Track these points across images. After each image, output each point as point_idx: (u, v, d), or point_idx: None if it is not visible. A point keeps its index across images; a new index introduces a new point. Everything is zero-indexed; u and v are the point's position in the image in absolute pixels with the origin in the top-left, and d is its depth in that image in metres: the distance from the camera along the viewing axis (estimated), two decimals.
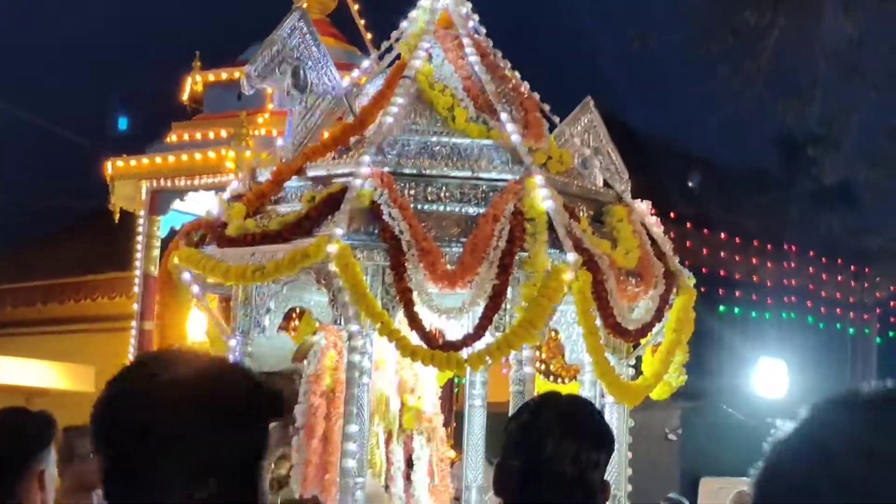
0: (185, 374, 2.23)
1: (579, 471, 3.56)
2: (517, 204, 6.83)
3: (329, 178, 7.09)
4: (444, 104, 7.42)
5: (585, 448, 3.58)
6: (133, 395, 2.23)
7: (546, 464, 3.56)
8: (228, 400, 2.22)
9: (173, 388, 2.20)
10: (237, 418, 2.22)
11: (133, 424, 2.18)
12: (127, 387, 2.26)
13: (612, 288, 6.90)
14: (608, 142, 8.24)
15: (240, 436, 2.22)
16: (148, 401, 2.19)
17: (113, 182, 13.60)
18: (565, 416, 3.67)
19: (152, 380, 2.22)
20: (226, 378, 2.28)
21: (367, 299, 6.60)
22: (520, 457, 3.63)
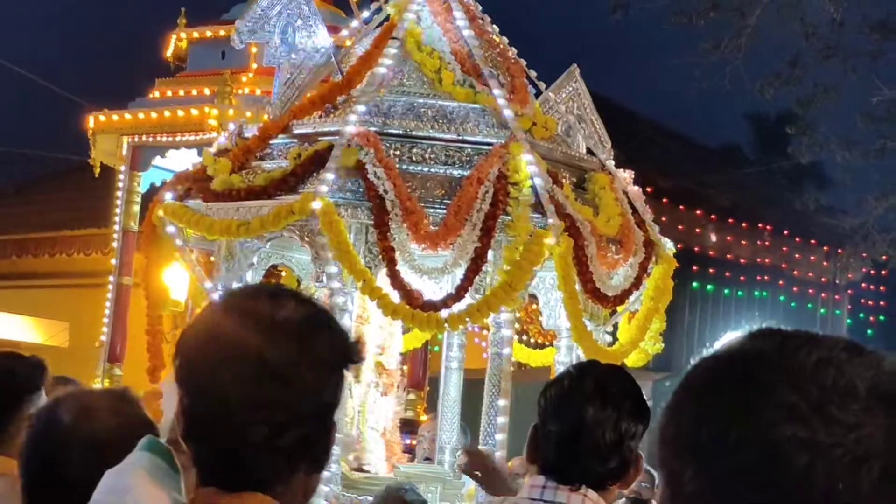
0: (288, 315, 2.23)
1: (619, 438, 3.61)
2: (501, 168, 6.88)
3: (315, 136, 7.12)
4: (432, 66, 7.46)
5: (625, 417, 3.64)
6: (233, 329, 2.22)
7: (586, 430, 3.60)
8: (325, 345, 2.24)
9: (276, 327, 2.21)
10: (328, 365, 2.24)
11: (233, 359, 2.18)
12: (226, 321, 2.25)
13: (593, 254, 6.96)
14: (592, 110, 8.31)
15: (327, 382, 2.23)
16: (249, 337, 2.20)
17: (94, 136, 13.57)
18: (607, 384, 3.71)
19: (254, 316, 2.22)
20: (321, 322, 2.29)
21: (351, 257, 6.65)
22: (559, 422, 3.66)
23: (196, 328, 2.31)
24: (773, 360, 1.38)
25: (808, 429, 1.29)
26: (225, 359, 2.19)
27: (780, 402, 1.32)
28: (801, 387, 1.33)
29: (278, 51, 7.32)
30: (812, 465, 1.28)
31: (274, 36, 7.28)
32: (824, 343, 1.40)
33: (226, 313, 2.29)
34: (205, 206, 7.19)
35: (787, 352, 1.39)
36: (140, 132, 13.17)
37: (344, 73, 7.43)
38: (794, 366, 1.36)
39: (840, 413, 1.30)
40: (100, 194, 16.31)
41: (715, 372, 1.43)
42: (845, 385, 1.33)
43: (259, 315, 2.23)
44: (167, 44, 14.62)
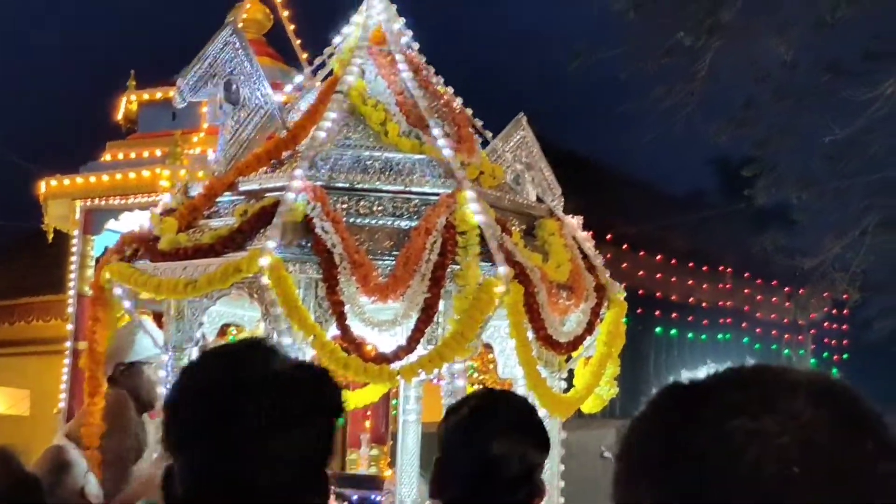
0: (283, 368, 2.25)
1: (527, 470, 3.55)
2: (449, 217, 6.87)
3: (262, 192, 7.09)
4: (377, 119, 7.45)
5: (531, 448, 3.58)
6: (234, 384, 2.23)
7: (493, 464, 3.54)
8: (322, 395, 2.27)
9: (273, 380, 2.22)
10: (321, 414, 2.27)
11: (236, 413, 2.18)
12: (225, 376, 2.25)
13: (544, 301, 6.94)
14: (540, 157, 8.32)
15: (325, 431, 2.27)
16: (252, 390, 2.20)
17: (46, 201, 13.50)
18: (511, 416, 3.66)
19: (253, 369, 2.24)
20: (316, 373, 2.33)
21: (300, 312, 6.60)
22: (464, 456, 3.59)
23: (186, 385, 2.28)
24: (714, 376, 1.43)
25: (754, 420, 1.31)
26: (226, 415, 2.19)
27: (725, 401, 1.35)
28: (745, 388, 1.36)
29: (222, 108, 7.29)
30: (762, 455, 1.29)
31: (217, 93, 7.26)
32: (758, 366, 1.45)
33: (231, 366, 2.29)
34: (152, 266, 7.13)
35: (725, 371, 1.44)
36: (92, 196, 13.11)
37: (289, 129, 7.41)
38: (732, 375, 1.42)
39: (784, 404, 1.33)
40: (55, 260, 16.21)
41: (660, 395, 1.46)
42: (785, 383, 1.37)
43: (261, 368, 2.25)
44: (118, 106, 14.60)
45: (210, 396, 2.25)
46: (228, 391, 2.23)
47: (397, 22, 8.03)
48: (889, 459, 1.35)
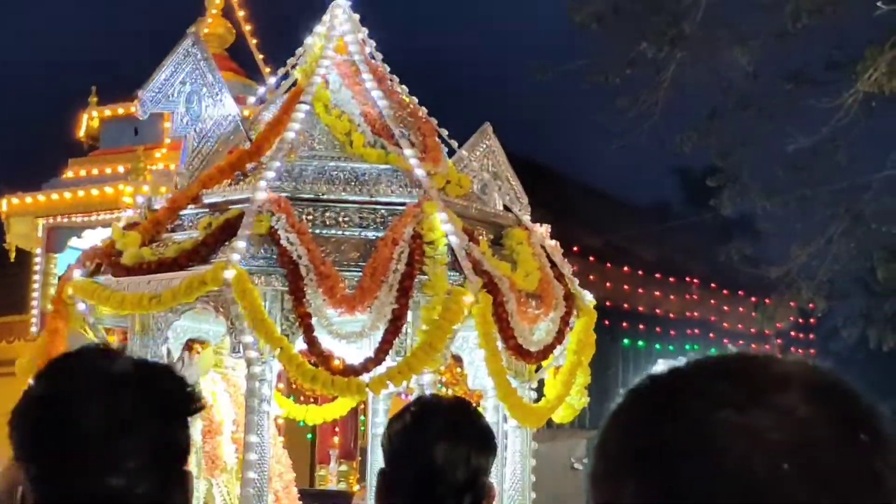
0: (124, 368, 2.18)
1: (472, 475, 3.46)
2: (416, 227, 6.80)
3: (226, 205, 7.01)
4: (342, 129, 7.38)
5: (475, 452, 3.49)
6: (71, 389, 2.16)
7: (438, 471, 3.44)
8: (165, 391, 2.19)
9: (114, 380, 2.15)
10: (168, 412, 2.19)
11: (76, 417, 2.11)
12: (63, 382, 2.19)
13: (513, 310, 6.88)
14: (507, 167, 8.27)
15: (174, 426, 2.19)
16: (90, 392, 2.13)
17: (8, 220, 13.37)
18: (453, 421, 3.55)
19: (90, 373, 2.16)
20: (158, 371, 2.25)
21: (266, 325, 6.52)
22: (407, 465, 3.48)
23: (30, 396, 2.23)
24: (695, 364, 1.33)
25: (742, 414, 1.22)
26: (69, 420, 2.13)
27: (709, 392, 1.26)
28: (731, 378, 1.27)
29: (184, 120, 7.20)
30: (750, 451, 1.20)
31: (179, 105, 7.17)
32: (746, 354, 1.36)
33: (59, 376, 2.23)
34: (115, 281, 7.03)
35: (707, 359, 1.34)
36: (55, 213, 12.99)
37: (252, 140, 7.32)
38: (715, 364, 1.31)
39: (776, 397, 1.24)
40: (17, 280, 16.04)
41: (638, 386, 1.36)
42: (778, 376, 1.28)
43: (95, 370, 2.18)
44: (79, 123, 14.47)
45: (35, 407, 2.19)
46: (57, 399, 2.17)
47: (360, 32, 7.96)
48: (885, 455, 1.29)
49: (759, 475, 1.21)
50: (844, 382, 1.35)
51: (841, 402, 1.31)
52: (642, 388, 1.36)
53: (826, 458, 1.23)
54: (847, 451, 1.25)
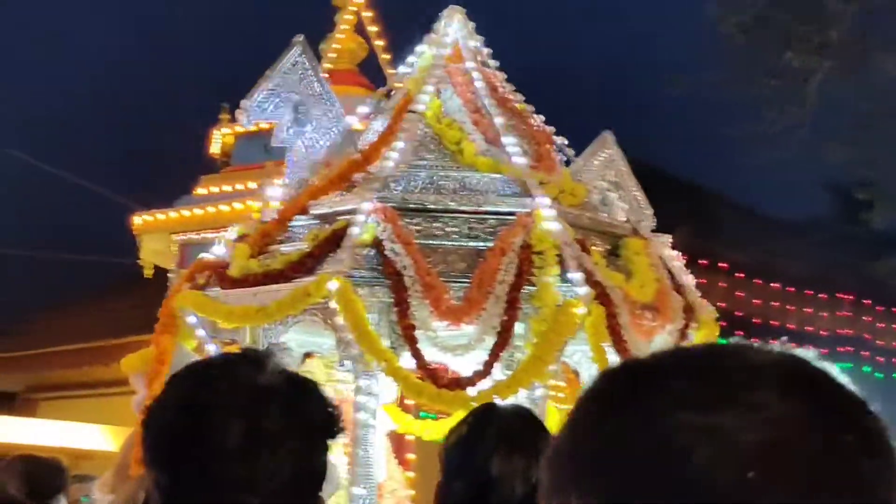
0: (272, 380, 2.05)
1: (530, 489, 3.24)
2: (525, 237, 6.61)
3: (333, 216, 6.92)
4: (452, 138, 7.24)
5: (536, 464, 3.27)
6: (215, 395, 2.03)
7: (494, 485, 3.24)
8: (312, 410, 2.07)
9: (261, 391, 2.03)
10: (316, 431, 2.07)
11: (218, 427, 1.99)
12: (206, 387, 2.06)
13: (627, 322, 6.65)
14: (630, 176, 8.04)
15: (316, 448, 2.07)
16: (234, 402, 2.01)
17: (140, 236, 13.51)
18: (509, 431, 3.35)
19: (236, 381, 2.04)
20: (307, 387, 2.12)
21: (370, 337, 6.40)
22: (464, 477, 3.31)
23: (168, 399, 2.07)
24: (658, 357, 1.17)
25: (706, 413, 1.05)
26: (210, 428, 1.99)
27: (670, 388, 1.09)
28: (696, 373, 1.11)
29: (290, 130, 7.12)
30: (715, 456, 1.03)
31: (285, 115, 7.09)
32: None
33: (204, 380, 2.09)
34: (223, 293, 6.98)
35: (672, 352, 1.18)
36: (186, 230, 13.08)
37: (361, 150, 7.22)
38: (680, 358, 1.16)
39: (744, 393, 1.07)
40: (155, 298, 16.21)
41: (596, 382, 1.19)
42: (748, 367, 1.11)
43: (241, 379, 2.04)
44: (211, 140, 14.56)
45: (175, 415, 2.04)
46: (198, 408, 2.03)
47: (475, 39, 7.81)
48: (874, 456, 1.08)
49: (724, 483, 1.03)
50: (828, 374, 1.17)
51: (822, 396, 1.12)
52: (596, 386, 1.18)
53: (803, 461, 1.05)
54: (828, 452, 1.07)
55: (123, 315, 21.43)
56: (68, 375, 21.55)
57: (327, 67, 13.72)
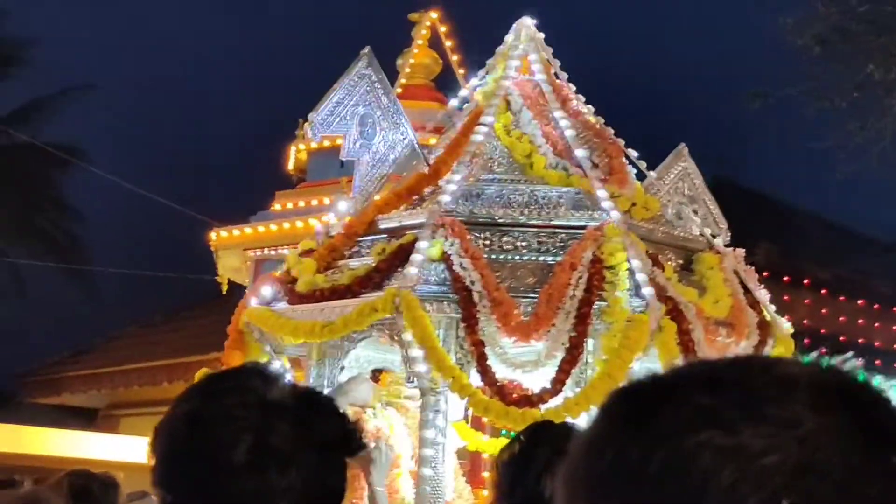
0: (282, 394, 1.98)
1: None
2: (596, 251, 6.49)
3: (402, 230, 6.83)
4: (522, 151, 7.13)
5: None
6: (222, 410, 1.95)
7: (547, 503, 3.14)
8: (324, 425, 1.99)
9: (270, 406, 1.96)
10: (330, 447, 1.99)
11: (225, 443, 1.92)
12: (213, 402, 1.98)
13: (700, 338, 6.49)
14: (704, 190, 7.87)
15: (330, 466, 1.99)
16: (242, 417, 1.93)
17: (217, 252, 13.55)
18: (562, 451, 3.23)
19: (245, 395, 1.97)
20: (319, 401, 2.05)
21: (438, 353, 6.29)
22: (516, 496, 3.21)
23: (176, 414, 2.00)
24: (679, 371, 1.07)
25: (729, 433, 0.95)
26: (216, 444, 1.91)
27: (692, 406, 0.99)
28: (720, 389, 1.00)
29: (357, 144, 7.04)
30: (739, 480, 0.94)
31: (352, 128, 7.01)
32: None
33: (211, 394, 2.01)
34: (290, 308, 6.91)
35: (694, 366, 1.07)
36: (262, 245, 13.11)
37: (429, 163, 7.13)
38: (703, 371, 1.05)
39: (774, 409, 0.97)
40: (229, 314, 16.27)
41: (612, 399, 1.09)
42: (779, 379, 1.01)
43: (250, 393, 1.96)
44: (288, 156, 14.61)
45: (182, 431, 1.96)
46: (205, 421, 1.95)
47: (545, 51, 7.70)
48: None
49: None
50: (869, 387, 1.04)
51: (862, 412, 0.99)
52: (614, 403, 1.07)
53: (840, 484, 0.94)
54: (869, 474, 0.96)
55: (203, 332, 21.53)
56: (149, 392, 21.66)
57: (402, 83, 13.71)
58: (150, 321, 23.90)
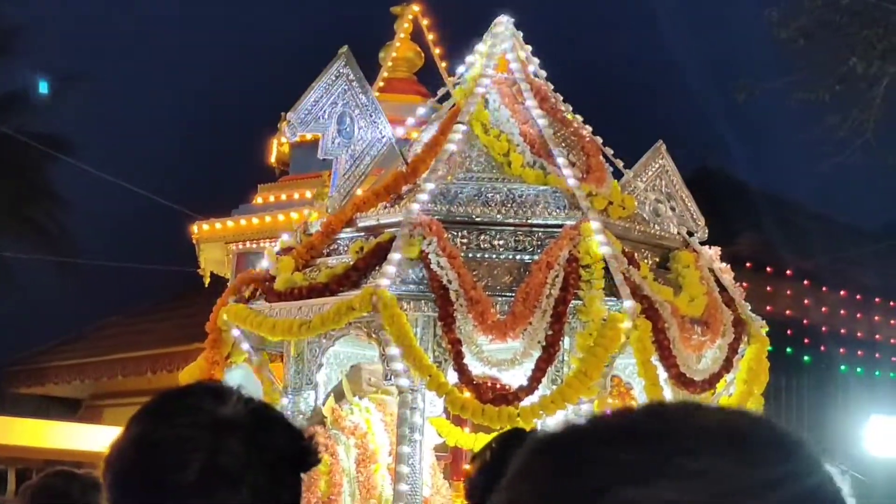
0: (234, 412, 2.00)
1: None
2: (572, 250, 6.52)
3: (379, 228, 6.86)
4: (500, 150, 7.16)
5: None
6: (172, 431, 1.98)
7: None
8: (277, 443, 2.01)
9: (221, 425, 1.98)
10: (283, 464, 2.01)
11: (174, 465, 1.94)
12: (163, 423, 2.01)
13: (675, 336, 6.54)
14: (682, 187, 7.91)
15: (283, 483, 2.01)
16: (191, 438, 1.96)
17: (199, 245, 13.55)
18: None
19: (195, 415, 1.99)
20: (271, 418, 2.06)
21: (415, 351, 6.33)
22: None
23: (127, 436, 2.03)
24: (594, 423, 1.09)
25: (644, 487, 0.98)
26: (165, 466, 1.94)
27: (608, 459, 1.01)
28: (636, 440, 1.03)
29: (335, 142, 7.07)
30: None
31: (330, 127, 7.03)
32: None
33: (161, 415, 2.03)
34: (268, 306, 6.94)
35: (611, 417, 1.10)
36: (243, 239, 13.11)
37: (408, 161, 7.16)
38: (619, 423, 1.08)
39: (688, 461, 0.99)
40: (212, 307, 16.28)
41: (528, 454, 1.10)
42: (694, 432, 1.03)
43: (201, 413, 1.98)
44: (270, 149, 14.60)
45: (133, 452, 1.99)
46: (154, 442, 1.98)
47: (523, 50, 7.73)
48: None
49: None
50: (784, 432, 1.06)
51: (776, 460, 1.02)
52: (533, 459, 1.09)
53: None
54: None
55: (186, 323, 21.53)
56: (133, 382, 21.66)
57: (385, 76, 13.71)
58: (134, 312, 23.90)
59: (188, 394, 2.08)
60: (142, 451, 1.98)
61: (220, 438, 1.94)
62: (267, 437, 1.99)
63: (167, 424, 1.98)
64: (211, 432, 1.95)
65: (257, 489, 1.94)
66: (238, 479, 1.92)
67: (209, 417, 1.97)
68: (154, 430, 1.98)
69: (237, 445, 1.94)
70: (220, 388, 2.10)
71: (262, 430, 2.00)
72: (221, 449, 1.93)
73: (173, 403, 2.05)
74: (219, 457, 1.92)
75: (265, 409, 2.09)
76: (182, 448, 1.93)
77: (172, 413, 2.00)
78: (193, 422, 1.96)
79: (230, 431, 1.96)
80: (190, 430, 1.95)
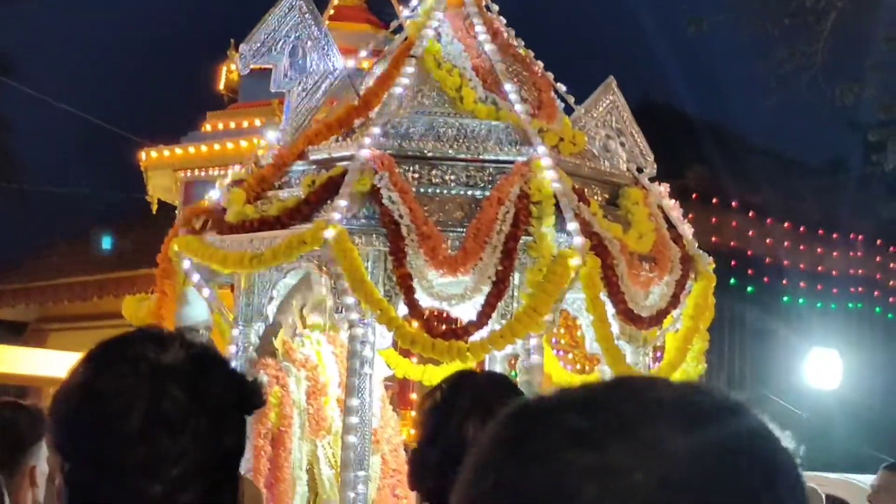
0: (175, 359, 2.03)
1: None
2: (523, 186, 6.55)
3: (331, 162, 6.86)
4: (452, 84, 7.16)
5: None
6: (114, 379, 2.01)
7: (469, 449, 3.20)
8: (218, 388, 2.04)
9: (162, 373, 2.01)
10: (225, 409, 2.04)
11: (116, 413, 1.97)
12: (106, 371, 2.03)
13: (623, 273, 6.60)
14: (632, 122, 7.94)
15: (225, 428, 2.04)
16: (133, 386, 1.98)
17: (147, 172, 13.48)
18: (484, 398, 3.32)
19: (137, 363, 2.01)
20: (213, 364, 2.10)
21: (366, 286, 6.36)
22: (439, 444, 3.29)
23: (71, 384, 2.05)
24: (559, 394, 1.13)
25: (596, 452, 1.02)
26: (108, 414, 1.97)
27: (564, 426, 1.05)
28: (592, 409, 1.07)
29: (287, 74, 7.05)
30: (602, 495, 1.00)
31: (282, 59, 7.01)
32: None
33: (104, 363, 2.06)
34: (220, 238, 6.94)
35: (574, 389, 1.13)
36: (192, 167, 13.05)
37: (360, 95, 7.15)
38: (580, 394, 1.11)
39: (641, 430, 1.03)
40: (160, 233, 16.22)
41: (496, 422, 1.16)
42: (649, 403, 1.07)
43: (142, 361, 2.01)
44: (219, 76, 14.49)
45: (76, 401, 2.03)
46: (96, 390, 2.01)
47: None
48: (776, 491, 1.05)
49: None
50: (736, 404, 1.11)
51: (726, 428, 1.07)
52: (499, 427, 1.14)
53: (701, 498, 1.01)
54: (728, 489, 1.03)
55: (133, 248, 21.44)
56: (79, 307, 21.61)
57: (335, 3, 13.61)
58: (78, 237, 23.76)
59: (130, 342, 2.11)
60: (85, 398, 2.02)
61: (161, 386, 1.98)
62: (208, 383, 2.02)
63: (110, 373, 2.02)
64: (152, 380, 1.98)
65: (199, 435, 1.97)
66: (179, 426, 1.96)
67: (150, 365, 2.00)
68: (96, 378, 2.02)
69: (178, 393, 1.98)
70: (161, 334, 2.14)
71: (204, 376, 2.03)
72: (163, 396, 1.97)
73: (116, 352, 2.08)
74: (160, 404, 1.96)
75: (207, 354, 2.12)
76: (124, 397, 1.97)
77: (115, 361, 2.04)
78: (135, 370, 2.00)
79: (171, 379, 1.99)
80: (132, 380, 1.99)
